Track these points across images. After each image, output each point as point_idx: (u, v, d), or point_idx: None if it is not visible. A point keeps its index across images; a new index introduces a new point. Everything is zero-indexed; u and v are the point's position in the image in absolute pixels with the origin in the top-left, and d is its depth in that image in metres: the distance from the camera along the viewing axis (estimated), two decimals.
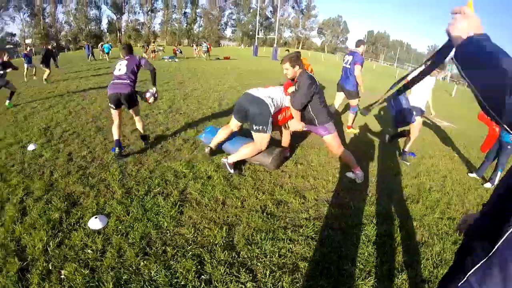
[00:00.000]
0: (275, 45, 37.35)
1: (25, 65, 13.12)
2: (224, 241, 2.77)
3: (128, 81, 4.54)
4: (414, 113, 4.87)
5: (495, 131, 4.91)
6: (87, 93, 9.46)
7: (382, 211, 3.49)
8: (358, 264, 2.63)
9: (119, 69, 4.57)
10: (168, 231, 2.88)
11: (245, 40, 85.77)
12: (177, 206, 3.25)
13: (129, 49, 4.81)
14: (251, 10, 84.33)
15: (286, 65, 3.86)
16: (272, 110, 3.94)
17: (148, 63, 4.74)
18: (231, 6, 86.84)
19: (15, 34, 66.96)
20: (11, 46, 65.82)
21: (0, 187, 3.66)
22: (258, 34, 46.41)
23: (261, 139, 3.98)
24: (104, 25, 77.55)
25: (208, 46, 27.19)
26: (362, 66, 6.11)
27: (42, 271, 2.36)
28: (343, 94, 6.63)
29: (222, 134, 4.38)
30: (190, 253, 2.60)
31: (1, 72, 7.90)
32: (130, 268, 2.42)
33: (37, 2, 65.36)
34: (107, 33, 76.33)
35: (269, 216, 3.21)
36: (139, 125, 4.96)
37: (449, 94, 23.74)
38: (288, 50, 11.64)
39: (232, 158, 4.09)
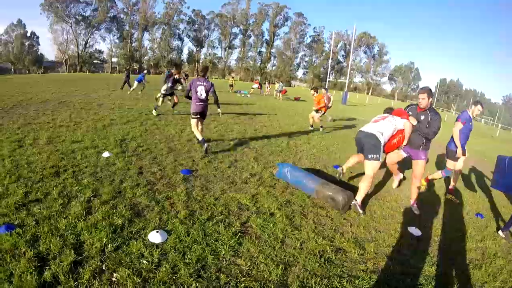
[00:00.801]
0: (345, 90, 37.86)
1: (135, 83, 17.07)
2: (278, 279, 2.79)
3: (207, 102, 6.67)
4: None
5: None
6: (163, 115, 10.37)
7: (442, 273, 3.38)
8: None
9: (201, 94, 6.42)
10: (224, 259, 2.96)
11: (316, 82, 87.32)
12: (237, 237, 3.33)
13: (205, 71, 6.77)
14: (324, 53, 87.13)
15: (424, 95, 4.79)
16: (382, 141, 4.61)
17: (214, 92, 6.59)
18: (305, 48, 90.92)
19: (103, 51, 78.00)
20: (99, 61, 75.88)
21: (71, 183, 4.12)
22: (329, 78, 47.57)
23: (373, 166, 4.62)
24: (185, 55, 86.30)
25: (283, 88, 27.99)
26: (464, 125, 5.89)
27: (95, 269, 2.56)
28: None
29: (354, 159, 4.97)
30: (243, 284, 2.64)
31: (171, 84, 10.35)
32: (181, 287, 2.50)
33: (126, 27, 75.83)
34: (186, 63, 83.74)
35: (326, 262, 3.20)
36: (201, 130, 6.90)
37: None
38: (316, 89, 11.94)
39: (359, 198, 4.59)
